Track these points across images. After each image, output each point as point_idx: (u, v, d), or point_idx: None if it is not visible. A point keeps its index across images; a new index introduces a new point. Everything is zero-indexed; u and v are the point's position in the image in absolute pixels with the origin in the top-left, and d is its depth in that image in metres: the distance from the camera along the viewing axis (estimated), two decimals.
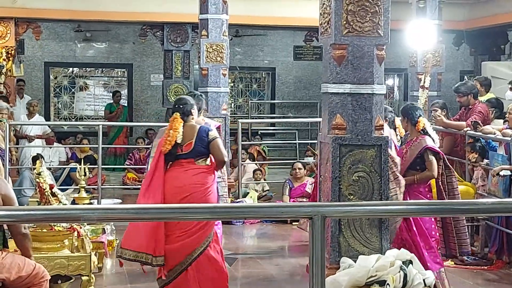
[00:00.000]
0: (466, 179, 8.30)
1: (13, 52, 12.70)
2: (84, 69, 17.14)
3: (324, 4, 5.70)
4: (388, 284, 5.10)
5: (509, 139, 7.65)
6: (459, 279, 6.91)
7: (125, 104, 16.19)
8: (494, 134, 7.99)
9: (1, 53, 12.38)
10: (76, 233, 5.99)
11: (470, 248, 6.85)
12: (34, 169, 6.12)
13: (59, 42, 16.33)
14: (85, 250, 5.96)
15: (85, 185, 7.49)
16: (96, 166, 10.50)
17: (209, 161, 6.10)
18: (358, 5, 5.51)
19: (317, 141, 8.92)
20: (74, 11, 12.89)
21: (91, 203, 7.75)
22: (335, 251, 5.53)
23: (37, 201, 6.11)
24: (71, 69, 17.12)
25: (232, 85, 17.26)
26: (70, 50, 16.47)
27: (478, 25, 14.14)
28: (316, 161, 7.27)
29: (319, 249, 2.84)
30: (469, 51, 15.90)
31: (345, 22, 5.51)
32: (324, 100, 5.73)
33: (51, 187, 5.92)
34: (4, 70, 12.19)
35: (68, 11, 12.85)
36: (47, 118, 15.16)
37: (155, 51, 16.22)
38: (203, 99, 6.84)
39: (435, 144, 6.31)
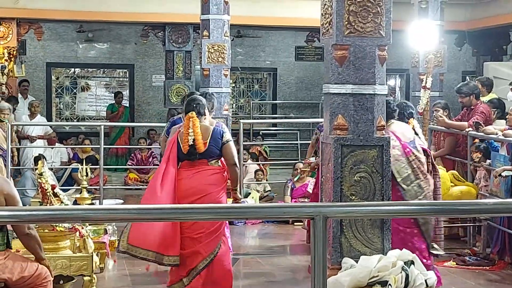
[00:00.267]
0: (468, 180, 8.30)
1: (15, 52, 12.71)
2: (86, 69, 17.14)
3: (325, 4, 5.70)
4: (390, 284, 5.10)
5: (511, 139, 7.65)
6: (461, 279, 6.90)
7: (127, 105, 16.18)
8: (496, 134, 7.98)
9: (3, 53, 12.39)
10: (78, 233, 5.99)
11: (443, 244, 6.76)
12: (36, 169, 6.12)
13: (61, 43, 16.33)
14: (87, 250, 5.96)
15: (87, 186, 7.48)
16: (98, 167, 10.51)
17: (220, 162, 6.07)
18: (360, 5, 5.50)
19: (311, 140, 8.95)
20: (76, 11, 12.91)
21: (93, 204, 7.75)
22: (337, 251, 5.53)
23: (39, 201, 6.11)
24: (73, 69, 17.12)
25: (233, 85, 17.26)
26: (72, 51, 16.46)
27: (480, 25, 14.14)
28: (318, 160, 7.26)
29: (321, 250, 2.85)
30: (471, 52, 15.90)
31: (346, 23, 5.51)
32: (326, 100, 5.72)
33: (53, 187, 5.92)
34: (6, 71, 12.19)
35: (70, 11, 12.87)
36: (49, 119, 15.17)
37: (156, 51, 16.20)
38: (214, 98, 6.81)
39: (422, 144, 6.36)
